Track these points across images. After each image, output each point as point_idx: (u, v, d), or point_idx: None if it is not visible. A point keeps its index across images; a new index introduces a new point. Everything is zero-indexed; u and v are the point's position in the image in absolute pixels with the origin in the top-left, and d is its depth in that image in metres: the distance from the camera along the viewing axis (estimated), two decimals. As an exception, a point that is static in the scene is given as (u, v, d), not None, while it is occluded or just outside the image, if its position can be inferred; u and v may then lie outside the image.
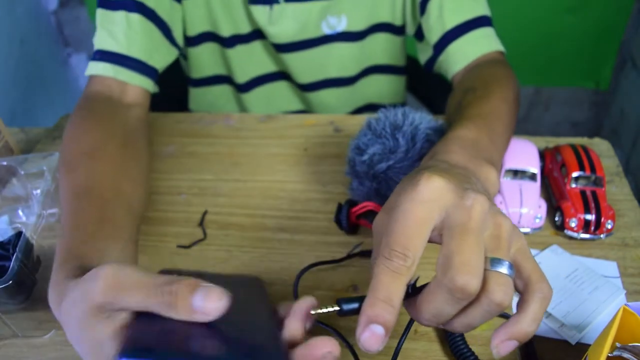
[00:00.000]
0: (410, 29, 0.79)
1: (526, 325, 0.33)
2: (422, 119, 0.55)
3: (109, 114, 0.60)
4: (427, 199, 0.33)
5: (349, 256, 0.55)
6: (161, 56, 0.70)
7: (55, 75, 1.53)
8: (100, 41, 0.66)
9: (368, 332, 0.31)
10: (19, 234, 0.50)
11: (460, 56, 0.69)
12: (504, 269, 0.32)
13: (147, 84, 0.67)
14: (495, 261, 0.33)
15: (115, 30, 0.65)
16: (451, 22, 0.69)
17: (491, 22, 0.70)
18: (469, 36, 0.69)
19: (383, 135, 0.54)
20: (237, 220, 0.60)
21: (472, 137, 0.47)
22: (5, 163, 0.58)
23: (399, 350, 0.43)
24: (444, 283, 0.31)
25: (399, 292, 0.32)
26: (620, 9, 1.37)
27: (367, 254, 0.54)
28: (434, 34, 0.71)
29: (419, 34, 0.76)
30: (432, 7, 0.70)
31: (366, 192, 0.55)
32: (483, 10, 0.70)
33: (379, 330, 0.31)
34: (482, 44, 0.68)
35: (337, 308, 0.34)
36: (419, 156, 0.53)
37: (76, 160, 0.52)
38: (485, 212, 0.33)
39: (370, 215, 0.54)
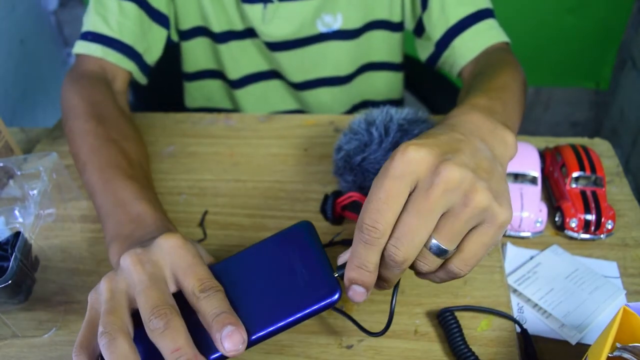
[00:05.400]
0: (409, 25, 0.79)
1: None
2: (398, 112, 0.58)
3: (118, 104, 0.66)
4: (399, 173, 0.35)
5: (331, 244, 0.55)
6: (153, 42, 0.74)
7: (55, 75, 1.53)
8: (94, 25, 0.69)
9: (351, 291, 0.37)
10: (17, 234, 0.49)
11: (467, 50, 0.68)
12: (433, 253, 0.36)
13: (134, 69, 0.72)
14: (432, 244, 0.35)
15: (109, 16, 0.69)
16: (455, 16, 0.69)
17: (494, 14, 0.70)
18: (474, 29, 0.68)
19: (359, 132, 0.57)
20: (237, 220, 0.60)
21: (485, 104, 0.46)
22: (2, 164, 0.57)
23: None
24: (380, 243, 0.35)
25: (373, 259, 0.36)
26: (620, 9, 1.37)
27: (347, 242, 0.55)
28: (437, 30, 0.71)
29: (419, 30, 0.76)
30: (434, 2, 0.71)
31: (349, 187, 0.58)
32: (485, 3, 0.70)
33: (359, 289, 0.37)
34: (487, 35, 0.68)
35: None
36: (392, 145, 0.55)
37: (107, 145, 0.57)
38: (452, 187, 0.34)
39: (356, 206, 0.55)
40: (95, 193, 0.52)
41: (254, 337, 0.36)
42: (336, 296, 0.36)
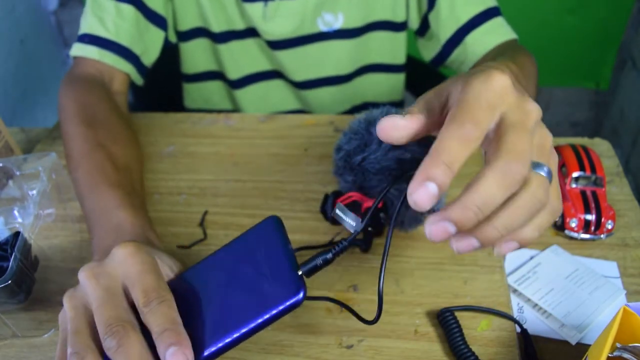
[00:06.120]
0: (413, 24, 0.80)
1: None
2: (399, 112, 0.57)
3: (113, 105, 0.65)
4: (498, 90, 0.34)
5: (331, 243, 0.55)
6: (151, 44, 0.74)
7: (55, 75, 1.53)
8: (91, 27, 0.70)
9: (423, 189, 0.31)
10: (16, 234, 0.49)
11: (479, 47, 0.71)
12: (544, 172, 0.33)
13: (131, 71, 0.71)
14: (537, 164, 0.33)
15: (105, 18, 0.69)
16: (465, 15, 0.71)
17: (501, 12, 0.72)
18: (485, 27, 0.71)
19: (359, 132, 0.57)
20: (237, 220, 0.60)
21: (512, 69, 0.48)
22: (1, 164, 0.57)
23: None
24: (499, 166, 0.31)
25: (462, 159, 0.32)
26: (620, 9, 1.37)
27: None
28: (447, 29, 0.72)
29: (423, 30, 0.76)
30: (442, 2, 0.72)
31: (349, 187, 0.58)
32: (492, 1, 0.72)
33: (433, 188, 0.31)
34: (498, 33, 0.71)
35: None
36: (391, 145, 0.55)
37: (98, 149, 0.57)
38: (538, 120, 0.35)
39: (356, 206, 0.56)
40: (82, 198, 0.53)
41: (207, 353, 0.34)
42: (300, 295, 0.34)
